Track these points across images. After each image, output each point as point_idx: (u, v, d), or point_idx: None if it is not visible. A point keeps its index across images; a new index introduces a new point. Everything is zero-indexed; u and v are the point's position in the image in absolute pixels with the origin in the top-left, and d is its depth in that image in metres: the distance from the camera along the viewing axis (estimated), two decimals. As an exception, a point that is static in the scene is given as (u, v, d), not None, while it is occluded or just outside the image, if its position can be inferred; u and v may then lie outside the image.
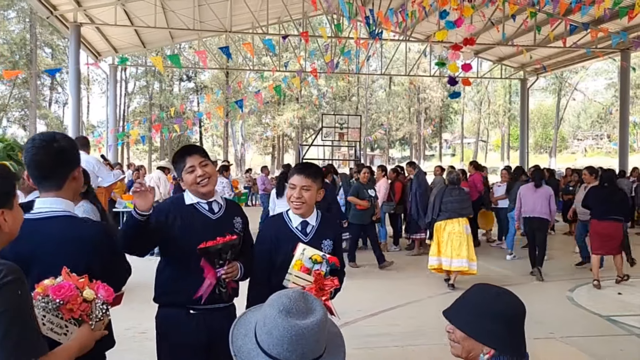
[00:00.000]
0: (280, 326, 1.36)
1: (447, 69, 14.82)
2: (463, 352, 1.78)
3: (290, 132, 41.68)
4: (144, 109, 39.58)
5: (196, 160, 2.64)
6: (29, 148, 1.93)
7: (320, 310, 1.43)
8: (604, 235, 7.40)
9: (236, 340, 1.49)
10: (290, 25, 24.13)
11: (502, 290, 1.81)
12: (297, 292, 1.46)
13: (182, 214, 2.64)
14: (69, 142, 2.01)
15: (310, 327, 1.37)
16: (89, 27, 16.37)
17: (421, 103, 44.89)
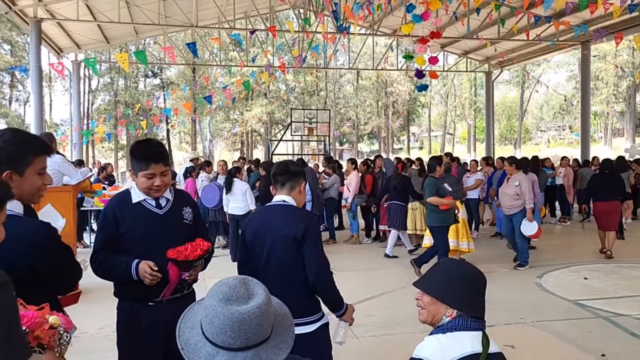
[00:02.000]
0: (221, 314, 1.36)
1: (415, 62, 15.00)
2: (429, 316, 2.01)
3: (259, 128, 41.44)
4: (108, 106, 38.70)
5: (159, 169, 2.64)
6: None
7: (261, 294, 1.43)
8: (608, 213, 8.73)
9: (183, 334, 1.48)
10: (257, 20, 23.96)
11: (467, 262, 2.13)
12: (237, 279, 1.46)
13: (129, 213, 2.66)
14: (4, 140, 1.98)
15: (251, 311, 1.36)
16: (50, 22, 15.92)
17: (389, 97, 45.20)
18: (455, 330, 1.91)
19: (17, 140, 2.06)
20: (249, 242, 2.86)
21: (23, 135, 2.13)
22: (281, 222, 2.78)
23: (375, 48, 24.33)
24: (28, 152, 2.06)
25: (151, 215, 2.69)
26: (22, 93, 37.85)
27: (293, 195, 2.90)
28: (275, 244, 2.76)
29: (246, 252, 2.88)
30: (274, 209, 2.89)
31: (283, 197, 2.89)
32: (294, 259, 2.75)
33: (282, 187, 2.90)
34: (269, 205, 2.94)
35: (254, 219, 2.98)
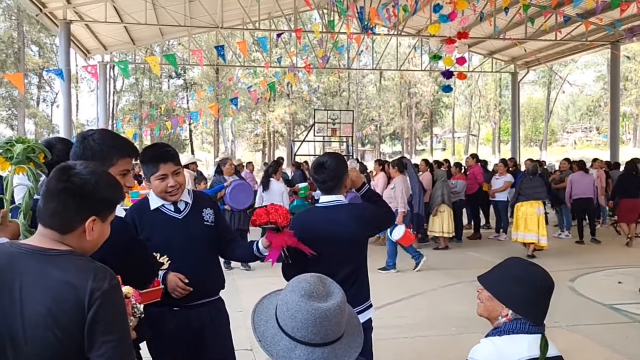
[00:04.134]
0: (304, 309, 1.40)
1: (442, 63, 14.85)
2: (485, 311, 1.99)
3: (281, 129, 41.57)
4: (132, 107, 39.25)
5: (170, 168, 2.59)
6: None
7: (339, 292, 1.48)
8: (632, 210, 9.96)
9: (258, 327, 1.52)
10: (281, 20, 24.02)
11: (534, 263, 2.02)
12: (314, 276, 1.51)
13: (148, 220, 2.63)
14: (95, 142, 2.03)
15: (332, 309, 1.42)
16: (79, 24, 16.17)
17: (412, 98, 44.90)
18: (512, 333, 1.85)
19: (104, 140, 2.09)
20: (311, 240, 2.73)
21: (111, 136, 2.16)
22: (347, 221, 2.76)
23: (399, 48, 24.20)
24: (114, 153, 2.09)
25: (170, 221, 2.65)
26: (49, 94, 38.64)
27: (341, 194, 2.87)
28: (339, 244, 2.73)
29: (296, 252, 2.77)
30: (332, 209, 2.82)
31: (336, 197, 2.84)
32: (361, 256, 2.82)
33: (330, 192, 2.86)
34: (324, 206, 2.86)
35: (307, 218, 2.92)
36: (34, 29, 33.38)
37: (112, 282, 1.43)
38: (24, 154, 2.03)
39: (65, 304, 1.37)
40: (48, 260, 1.43)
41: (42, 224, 1.49)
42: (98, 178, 1.50)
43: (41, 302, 1.37)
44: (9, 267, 1.42)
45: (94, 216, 1.50)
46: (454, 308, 6.03)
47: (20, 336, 1.37)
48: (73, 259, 1.45)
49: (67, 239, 1.48)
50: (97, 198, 1.50)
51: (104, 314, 1.38)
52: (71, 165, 1.52)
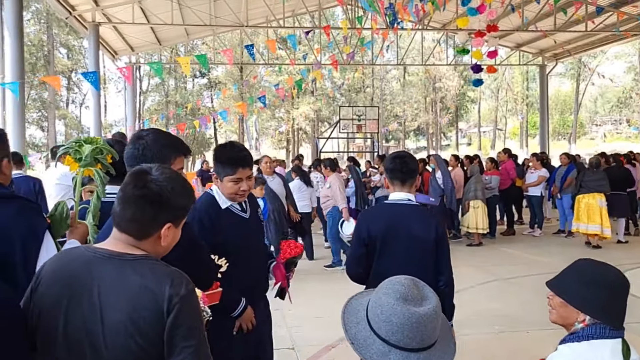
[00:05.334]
0: (400, 313, 1.38)
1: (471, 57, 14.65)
2: (559, 318, 1.87)
3: (305, 126, 41.60)
4: (158, 107, 39.71)
5: (246, 173, 2.61)
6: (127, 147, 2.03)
7: (433, 296, 1.46)
8: None
9: (349, 329, 1.50)
10: (304, 17, 24.00)
11: (604, 263, 1.89)
12: (407, 279, 1.47)
13: (222, 220, 2.63)
14: (149, 142, 2.05)
15: (429, 313, 1.39)
16: (107, 26, 16.39)
17: (437, 92, 44.48)
18: (591, 338, 1.75)
19: (161, 140, 2.13)
20: (374, 239, 2.73)
21: (165, 136, 2.20)
22: (417, 223, 2.72)
23: (423, 43, 23.99)
24: (171, 151, 2.12)
25: (241, 221, 2.68)
26: (77, 95, 39.34)
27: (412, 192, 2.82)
28: (411, 244, 2.69)
29: (365, 249, 2.76)
30: (403, 208, 2.77)
31: (407, 195, 2.78)
32: (429, 260, 2.72)
33: (403, 184, 2.79)
34: (394, 203, 2.80)
35: (377, 215, 2.87)
36: (62, 32, 34.02)
37: (188, 287, 1.43)
38: (92, 155, 2.06)
39: (144, 309, 1.37)
40: (125, 265, 1.43)
41: (118, 229, 1.50)
42: (174, 184, 1.50)
43: (121, 309, 1.37)
44: (87, 272, 1.42)
45: (170, 223, 1.50)
46: (492, 306, 5.95)
47: (101, 342, 1.37)
48: (149, 263, 1.45)
49: (143, 244, 1.49)
50: (173, 205, 1.50)
51: (183, 320, 1.38)
52: (146, 169, 1.52)
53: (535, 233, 10.47)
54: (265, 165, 7.59)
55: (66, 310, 1.39)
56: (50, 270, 1.48)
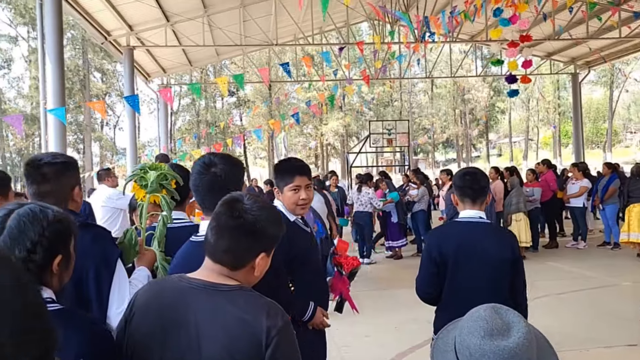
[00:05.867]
0: (489, 352, 1.28)
1: (501, 68, 14.52)
2: None
3: (334, 141, 41.68)
4: (188, 126, 40.35)
5: (303, 181, 2.64)
6: (192, 172, 2.00)
7: (519, 320, 1.35)
8: None
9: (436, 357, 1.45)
10: (330, 34, 24.16)
11: None
12: (487, 309, 1.37)
13: (294, 234, 2.60)
14: (226, 169, 2.01)
15: (520, 343, 1.29)
16: (140, 49, 16.76)
17: (467, 104, 44.09)
18: None
19: (231, 164, 2.12)
20: (445, 258, 2.67)
21: (236, 161, 2.20)
22: (492, 242, 2.65)
23: (451, 55, 23.87)
24: (242, 176, 2.15)
25: (305, 235, 2.70)
26: (111, 117, 40.26)
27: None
28: (485, 264, 2.61)
29: (436, 269, 2.70)
30: (475, 226, 2.70)
31: (479, 213, 2.72)
32: (504, 281, 2.64)
33: (474, 202, 2.73)
34: (467, 221, 2.73)
35: (448, 234, 2.80)
36: (97, 57, 34.98)
37: (284, 318, 1.42)
38: (157, 181, 2.07)
39: (242, 342, 1.35)
40: (220, 296, 1.42)
41: (211, 259, 1.49)
42: (267, 214, 1.49)
43: (218, 341, 1.36)
44: (183, 303, 1.41)
45: (264, 252, 1.49)
46: (548, 323, 5.72)
47: None
48: (245, 294, 1.44)
49: (237, 274, 1.48)
50: (268, 235, 1.49)
51: (282, 352, 1.37)
52: (239, 198, 1.51)
53: (579, 245, 10.18)
54: (331, 181, 7.64)
55: (163, 341, 1.38)
56: (143, 300, 1.47)
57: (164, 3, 14.28)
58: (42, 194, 2.01)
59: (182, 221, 2.33)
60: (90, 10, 13.30)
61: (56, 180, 2.03)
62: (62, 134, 9.78)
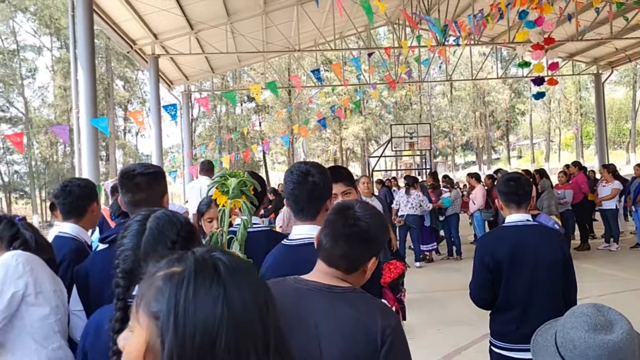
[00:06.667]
0: (594, 346, 1.33)
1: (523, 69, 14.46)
2: None
3: (354, 145, 41.71)
4: (209, 132, 40.69)
5: (340, 189, 2.56)
6: (287, 182, 2.05)
7: (621, 318, 1.39)
8: None
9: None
10: (350, 39, 24.24)
11: None
12: (589, 307, 1.42)
13: None
14: (322, 177, 2.06)
15: (624, 338, 1.33)
16: (164, 57, 17.00)
17: (487, 106, 43.80)
18: None
19: (327, 173, 2.17)
20: (499, 263, 2.72)
21: (325, 169, 2.25)
22: (544, 243, 2.70)
23: (470, 58, 23.78)
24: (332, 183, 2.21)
25: None
26: (134, 125, 40.80)
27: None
28: (539, 267, 2.66)
29: (490, 274, 2.74)
30: (526, 229, 2.75)
31: (526, 216, 2.77)
32: (558, 282, 2.68)
33: (519, 207, 2.78)
34: (516, 225, 2.78)
35: (500, 239, 2.84)
36: (120, 65, 35.56)
37: (396, 317, 1.49)
38: (237, 187, 2.15)
39: (358, 341, 1.41)
40: (336, 297, 1.48)
41: (326, 264, 1.55)
42: (377, 221, 1.56)
43: (336, 340, 1.42)
44: (301, 304, 1.49)
45: (374, 257, 1.57)
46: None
47: None
48: (358, 296, 1.51)
49: (350, 277, 1.55)
50: (379, 241, 1.57)
51: (397, 351, 1.43)
52: (350, 206, 1.58)
53: (612, 247, 10.09)
54: (363, 186, 6.88)
55: (289, 339, 1.45)
56: None
57: (189, 12, 14.48)
58: (136, 202, 2.15)
59: (258, 226, 2.42)
60: (117, 20, 13.54)
61: (149, 189, 2.18)
62: (94, 142, 9.97)
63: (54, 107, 36.42)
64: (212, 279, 0.85)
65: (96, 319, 1.67)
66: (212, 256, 0.90)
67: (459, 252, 10.14)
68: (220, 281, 0.86)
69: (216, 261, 0.89)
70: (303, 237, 1.99)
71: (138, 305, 0.88)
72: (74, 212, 2.70)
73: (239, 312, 0.84)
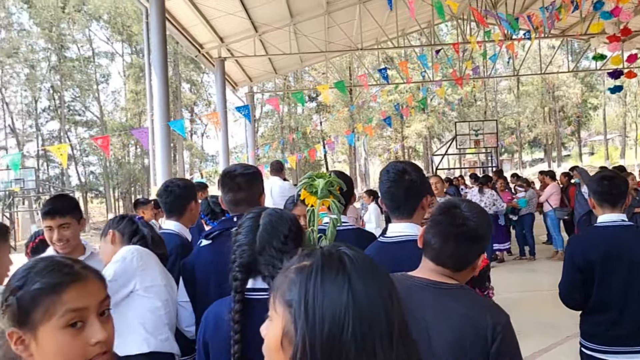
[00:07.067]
0: None
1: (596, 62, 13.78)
2: None
3: (416, 144, 41.21)
4: (270, 132, 41.38)
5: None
6: (384, 180, 2.11)
7: None
8: None
9: None
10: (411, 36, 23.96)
11: None
12: None
13: None
14: (418, 175, 2.11)
15: None
16: (230, 60, 17.44)
17: (557, 101, 42.05)
18: None
19: (419, 169, 2.23)
20: (591, 263, 2.67)
21: (419, 167, 2.32)
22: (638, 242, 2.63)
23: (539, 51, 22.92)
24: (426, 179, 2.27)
25: None
26: (199, 126, 42.23)
27: None
28: (636, 267, 2.58)
29: (580, 274, 2.70)
30: (621, 230, 2.67)
31: (620, 216, 2.70)
32: None
33: (614, 206, 2.71)
34: (610, 225, 2.71)
35: (593, 239, 2.77)
36: (187, 69, 36.84)
37: (505, 315, 1.49)
38: (325, 187, 2.20)
39: (466, 334, 1.43)
40: (444, 293, 1.51)
41: (434, 262, 1.58)
42: (484, 219, 1.58)
43: (444, 332, 1.44)
44: (409, 299, 1.49)
45: (481, 254, 1.58)
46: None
47: None
48: (465, 293, 1.53)
49: (457, 275, 1.57)
50: (486, 238, 1.58)
51: (507, 348, 1.44)
52: (457, 204, 1.60)
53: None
54: (433, 186, 6.86)
55: None
56: None
57: (254, 14, 14.78)
58: (237, 201, 2.29)
59: (347, 224, 2.49)
60: (186, 25, 14.04)
61: (248, 189, 2.32)
62: (167, 144, 10.41)
63: (125, 111, 38.18)
64: (337, 271, 0.91)
65: (214, 311, 1.76)
66: (338, 250, 0.96)
67: (533, 253, 9.85)
68: (345, 272, 0.91)
69: (342, 255, 0.95)
70: (400, 234, 2.03)
71: (274, 297, 0.96)
72: (175, 210, 2.90)
73: (364, 303, 0.89)
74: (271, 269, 1.66)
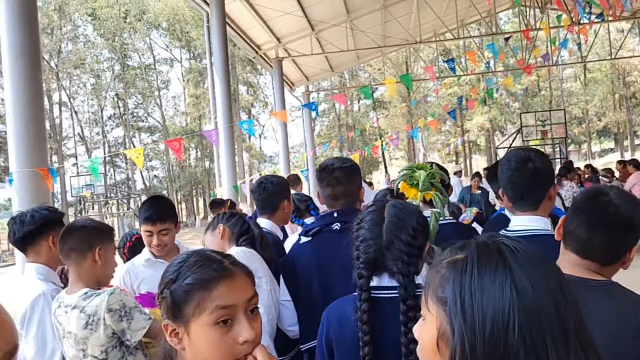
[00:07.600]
0: None
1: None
2: None
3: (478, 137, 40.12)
4: (327, 130, 41.43)
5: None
6: (505, 169, 1.97)
7: None
8: None
9: None
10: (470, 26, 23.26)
11: None
12: None
13: None
14: (544, 163, 1.95)
15: None
16: (287, 59, 17.50)
17: (629, 87, 39.78)
18: None
19: (545, 157, 2.09)
20: None
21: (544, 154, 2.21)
22: None
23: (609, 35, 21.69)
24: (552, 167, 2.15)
25: None
26: (257, 127, 42.83)
27: None
28: None
29: None
30: None
31: None
32: None
33: None
34: None
35: None
36: (244, 71, 37.46)
37: None
38: (427, 180, 2.06)
39: (623, 338, 1.26)
40: (592, 290, 1.35)
41: (580, 255, 1.42)
42: (637, 207, 1.40)
43: (598, 340, 1.26)
44: None
45: (634, 245, 1.40)
46: None
47: None
48: (618, 290, 1.35)
49: (606, 270, 1.40)
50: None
51: None
52: (604, 191, 1.44)
53: None
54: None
55: None
56: None
57: (310, 13, 14.74)
58: (336, 195, 2.24)
59: (445, 218, 2.37)
60: (244, 27, 14.19)
61: (347, 183, 2.25)
62: (230, 145, 10.57)
63: (186, 115, 39.23)
64: (497, 263, 0.84)
65: (337, 310, 1.69)
66: (496, 241, 0.88)
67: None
68: (505, 265, 0.83)
69: (500, 246, 0.87)
70: (525, 228, 1.86)
71: (427, 294, 0.90)
72: (267, 208, 2.87)
73: (530, 297, 0.80)
74: (400, 264, 1.56)
